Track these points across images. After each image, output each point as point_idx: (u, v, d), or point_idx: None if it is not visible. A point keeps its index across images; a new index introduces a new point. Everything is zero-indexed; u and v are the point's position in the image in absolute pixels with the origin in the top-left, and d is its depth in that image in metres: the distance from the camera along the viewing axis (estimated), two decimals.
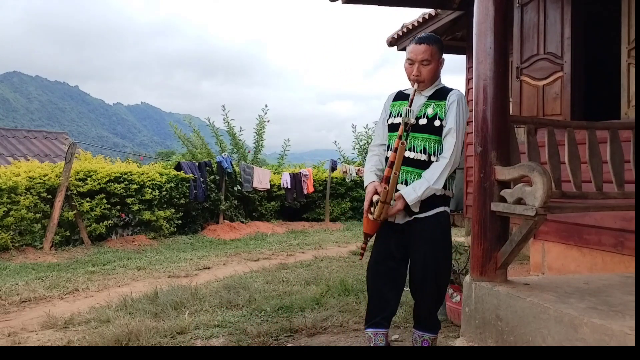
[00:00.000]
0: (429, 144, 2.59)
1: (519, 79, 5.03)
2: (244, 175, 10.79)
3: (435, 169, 2.54)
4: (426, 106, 2.64)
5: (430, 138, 2.59)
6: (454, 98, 2.59)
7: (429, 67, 2.60)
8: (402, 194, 2.54)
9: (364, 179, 2.80)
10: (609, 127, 2.63)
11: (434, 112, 2.61)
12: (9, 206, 7.34)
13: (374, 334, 2.65)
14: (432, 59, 2.60)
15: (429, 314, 2.68)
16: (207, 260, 6.88)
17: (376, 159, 2.79)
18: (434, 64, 2.61)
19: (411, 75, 2.64)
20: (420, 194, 2.51)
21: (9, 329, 3.70)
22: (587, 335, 1.78)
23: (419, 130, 2.61)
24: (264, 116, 13.47)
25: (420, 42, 2.61)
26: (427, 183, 2.51)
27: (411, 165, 2.60)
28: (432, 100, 2.64)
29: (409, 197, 2.52)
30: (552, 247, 4.51)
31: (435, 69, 2.63)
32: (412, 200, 2.52)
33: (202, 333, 3.36)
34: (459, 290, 3.21)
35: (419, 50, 2.60)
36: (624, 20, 4.08)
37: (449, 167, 2.53)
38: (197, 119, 39.88)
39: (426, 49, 2.59)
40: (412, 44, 2.65)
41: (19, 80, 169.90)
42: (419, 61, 2.60)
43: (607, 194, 2.47)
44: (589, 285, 2.36)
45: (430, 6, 6.72)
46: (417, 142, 2.61)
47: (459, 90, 2.65)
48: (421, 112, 2.64)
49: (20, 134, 14.74)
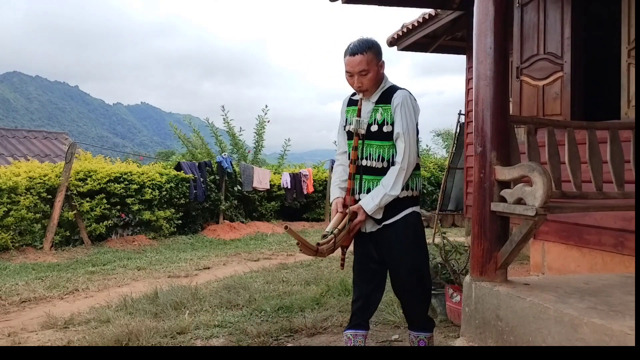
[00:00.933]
0: (384, 151, 2.59)
1: (519, 79, 5.03)
2: (244, 175, 10.79)
3: (390, 176, 2.55)
4: (375, 111, 2.61)
5: (383, 145, 2.59)
6: (397, 101, 2.56)
7: (369, 76, 2.55)
8: (361, 204, 2.57)
9: (330, 192, 2.82)
10: (609, 127, 2.62)
11: (382, 118, 2.59)
12: (9, 206, 7.34)
13: (354, 335, 2.68)
14: (370, 67, 2.54)
15: (418, 315, 2.70)
16: (207, 260, 6.88)
17: (341, 169, 2.79)
18: (372, 72, 2.55)
19: (353, 86, 2.61)
20: (378, 202, 2.53)
21: (9, 329, 3.70)
22: (587, 335, 1.78)
23: (372, 137, 2.61)
24: (264, 116, 13.47)
25: (353, 54, 2.54)
26: (384, 190, 2.53)
27: (371, 174, 2.61)
28: (379, 104, 2.61)
29: (368, 206, 2.55)
30: (552, 247, 4.51)
31: (375, 76, 2.57)
32: (372, 209, 2.54)
33: (202, 333, 3.36)
34: (459, 290, 3.21)
35: (354, 62, 2.54)
36: (624, 20, 4.08)
37: (403, 172, 2.53)
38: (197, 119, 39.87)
39: (361, 60, 2.53)
40: (346, 56, 2.58)
41: (19, 80, 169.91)
42: (357, 72, 2.54)
43: (607, 194, 2.47)
44: (589, 285, 2.36)
45: (430, 6, 6.72)
46: (373, 150, 2.61)
47: (403, 90, 2.62)
48: (371, 118, 2.61)
49: (20, 134, 14.75)
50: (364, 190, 2.62)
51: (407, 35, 7.84)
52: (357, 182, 2.65)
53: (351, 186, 2.64)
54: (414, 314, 2.71)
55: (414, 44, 7.92)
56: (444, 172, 9.29)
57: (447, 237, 3.73)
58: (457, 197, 8.46)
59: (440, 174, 12.71)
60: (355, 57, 2.53)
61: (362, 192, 2.63)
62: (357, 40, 2.59)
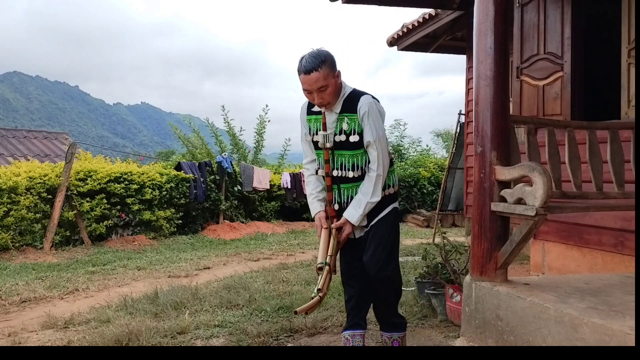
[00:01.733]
0: (357, 159, 2.60)
1: (519, 79, 5.03)
2: (244, 175, 10.79)
3: (368, 184, 2.57)
4: (340, 121, 2.58)
5: (355, 154, 2.59)
6: (364, 109, 2.53)
7: (328, 91, 2.49)
8: (346, 217, 2.59)
9: (310, 206, 2.77)
10: (609, 127, 2.63)
11: (349, 128, 2.56)
12: (9, 206, 7.34)
13: (352, 335, 2.70)
14: (327, 81, 2.47)
15: (390, 313, 2.73)
16: (207, 260, 6.88)
17: (314, 179, 2.76)
18: (331, 86, 2.49)
19: (314, 102, 2.56)
20: (362, 212, 2.56)
21: (9, 329, 3.70)
22: (587, 335, 1.78)
23: (342, 147, 2.60)
24: (265, 116, 13.47)
25: (308, 72, 2.45)
26: (365, 199, 2.56)
27: (349, 182, 2.63)
28: (343, 113, 2.57)
29: (353, 218, 2.58)
30: (552, 247, 4.51)
31: (334, 89, 2.52)
32: (357, 220, 2.57)
33: (202, 333, 3.36)
34: (459, 290, 3.21)
35: (310, 80, 2.45)
36: (624, 20, 4.08)
37: (380, 178, 2.57)
38: (197, 118, 39.87)
39: (317, 77, 2.45)
40: (301, 75, 2.49)
41: (19, 80, 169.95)
42: (316, 90, 2.48)
43: (607, 194, 2.47)
44: (589, 285, 2.36)
45: (430, 6, 6.72)
46: (345, 159, 2.61)
47: (366, 96, 2.57)
48: (337, 128, 2.58)
49: (20, 134, 14.75)
50: (344, 199, 2.64)
51: (407, 35, 7.85)
52: (336, 192, 2.65)
53: (331, 198, 2.65)
54: (387, 311, 2.72)
55: (414, 44, 7.92)
56: (444, 172, 9.29)
57: (447, 237, 3.72)
58: (457, 197, 8.46)
59: (440, 174, 12.72)
60: (311, 75, 2.45)
61: (342, 201, 2.64)
62: (308, 55, 2.50)
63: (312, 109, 2.68)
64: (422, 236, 9.43)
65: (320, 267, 2.54)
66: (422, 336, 3.22)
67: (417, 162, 14.14)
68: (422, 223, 11.44)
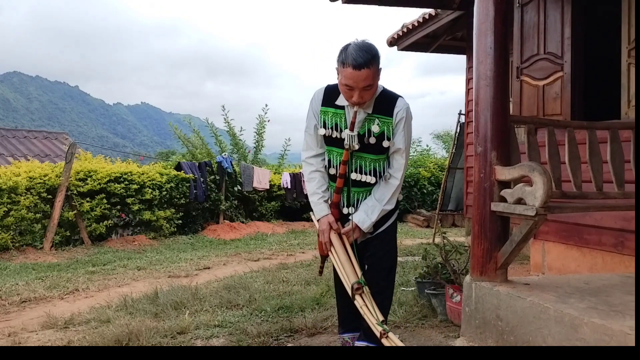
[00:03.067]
0: (379, 165, 2.46)
1: (519, 79, 5.03)
2: (244, 175, 10.79)
3: (386, 191, 2.45)
4: (369, 122, 2.38)
5: (378, 159, 2.45)
6: (402, 114, 2.38)
7: (372, 90, 2.30)
8: (357, 222, 2.45)
9: (312, 206, 2.55)
10: (609, 127, 2.63)
11: (380, 130, 2.38)
12: (9, 206, 7.34)
13: (352, 338, 2.68)
14: (374, 80, 2.27)
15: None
16: (207, 260, 6.87)
17: (318, 177, 2.53)
18: (375, 84, 2.31)
19: (350, 99, 2.30)
20: (375, 218, 2.45)
21: (9, 329, 3.70)
22: (587, 335, 1.78)
23: (364, 149, 2.41)
24: (264, 116, 13.47)
25: (359, 68, 2.20)
26: (379, 206, 2.44)
27: (361, 186, 2.49)
28: (375, 115, 2.38)
29: (364, 224, 2.46)
30: (552, 247, 4.51)
31: (376, 88, 2.34)
32: (368, 227, 2.47)
33: (203, 333, 3.36)
34: (459, 290, 3.21)
35: (359, 77, 2.22)
36: (624, 20, 4.07)
37: (400, 187, 2.48)
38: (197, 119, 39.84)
39: (367, 75, 2.22)
40: (348, 68, 2.22)
41: (19, 80, 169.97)
42: (361, 88, 2.25)
43: (607, 194, 2.47)
44: (589, 285, 2.36)
45: (430, 6, 6.72)
46: (365, 163, 2.44)
47: (402, 100, 2.42)
48: (363, 128, 2.38)
49: (20, 134, 14.75)
50: (352, 203, 2.50)
51: (407, 35, 7.85)
52: (345, 194, 2.50)
53: (338, 200, 2.49)
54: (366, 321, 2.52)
55: (414, 44, 7.92)
56: (444, 172, 9.29)
57: (447, 237, 3.72)
58: (457, 197, 8.46)
59: (440, 174, 12.72)
60: (361, 71, 2.21)
61: (350, 206, 2.51)
62: (357, 48, 2.24)
63: (333, 102, 2.43)
64: (422, 236, 9.43)
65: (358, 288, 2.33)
66: (422, 336, 3.22)
67: (417, 162, 14.14)
68: (422, 223, 11.45)
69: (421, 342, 3.11)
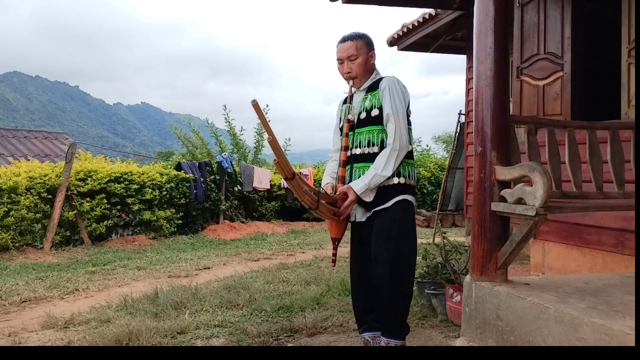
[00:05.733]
0: (373, 135, 2.59)
1: (519, 79, 5.03)
2: (244, 175, 10.79)
3: (381, 157, 2.52)
4: (364, 100, 2.66)
5: (372, 129, 2.60)
6: (384, 84, 2.60)
7: (358, 62, 2.63)
8: (351, 185, 2.53)
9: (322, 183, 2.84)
10: (609, 127, 2.62)
11: (370, 104, 2.62)
12: (9, 206, 7.34)
13: (372, 337, 2.66)
14: (359, 52, 2.63)
15: (392, 317, 2.55)
16: (207, 260, 6.88)
17: (333, 164, 2.82)
18: (361, 57, 2.63)
19: (344, 74, 2.68)
20: (368, 182, 2.49)
21: (9, 329, 3.70)
22: (587, 335, 1.78)
23: (362, 124, 2.65)
24: (265, 115, 13.47)
25: (343, 40, 2.67)
26: (374, 170, 2.50)
27: (362, 161, 2.60)
28: (368, 93, 2.67)
29: (357, 186, 2.51)
30: (552, 247, 4.51)
31: (364, 62, 2.65)
32: (361, 189, 2.50)
33: (203, 333, 3.36)
34: (459, 290, 3.21)
35: (343, 47, 2.65)
36: (624, 20, 4.07)
37: (395, 153, 2.50)
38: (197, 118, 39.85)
39: (350, 45, 2.64)
40: (337, 45, 2.70)
41: (19, 80, 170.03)
42: (346, 58, 2.64)
43: (608, 194, 2.47)
44: (589, 285, 2.36)
45: (430, 6, 6.72)
46: (362, 137, 2.63)
47: (391, 76, 2.66)
48: (361, 107, 2.66)
49: (20, 134, 14.75)
50: (354, 179, 2.61)
51: (407, 35, 7.84)
52: (348, 171, 2.66)
53: (342, 174, 2.65)
54: (388, 316, 2.55)
55: (414, 43, 7.92)
56: (444, 172, 9.29)
57: (447, 237, 3.72)
58: (457, 197, 8.45)
59: (440, 173, 12.71)
60: (345, 43, 2.65)
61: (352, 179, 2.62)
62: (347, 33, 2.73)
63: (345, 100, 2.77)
64: (422, 236, 9.42)
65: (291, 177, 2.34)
66: (422, 336, 3.22)
67: (417, 162, 14.16)
68: (422, 223, 11.45)
69: (421, 342, 3.11)
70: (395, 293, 2.52)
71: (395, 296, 2.52)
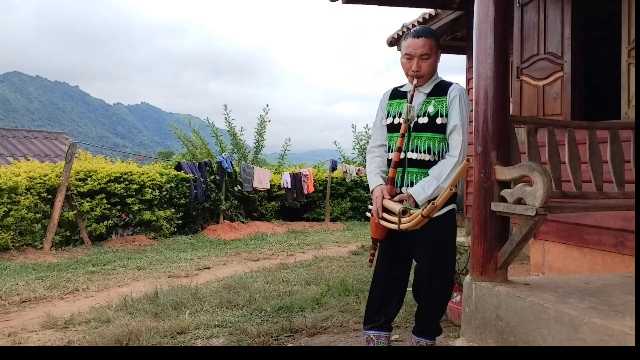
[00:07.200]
0: (433, 143, 2.52)
1: (519, 79, 5.03)
2: (244, 175, 10.79)
3: (444, 167, 2.47)
4: (426, 104, 2.55)
5: (433, 137, 2.52)
6: (455, 93, 2.52)
7: (429, 62, 2.53)
8: (412, 193, 2.46)
9: (369, 182, 2.68)
10: (609, 127, 2.62)
11: (435, 110, 2.53)
12: (9, 206, 7.34)
13: (377, 336, 2.64)
14: (432, 52, 2.53)
15: (431, 318, 2.63)
16: (207, 260, 6.88)
17: (379, 160, 2.68)
18: (433, 58, 2.54)
19: (409, 70, 2.55)
20: (430, 193, 2.43)
21: (9, 329, 3.70)
22: (587, 335, 1.78)
23: (421, 129, 2.54)
24: (265, 116, 13.47)
25: (418, 36, 2.52)
26: (436, 182, 2.44)
27: (416, 166, 2.53)
28: (431, 97, 2.56)
29: (419, 197, 2.45)
30: (552, 247, 4.51)
31: (434, 63, 2.56)
32: (422, 200, 2.44)
33: (203, 333, 3.36)
34: (459, 290, 3.21)
35: (417, 44, 2.51)
36: (624, 20, 4.07)
37: (459, 166, 2.44)
38: (197, 118, 39.85)
39: (425, 43, 2.51)
40: (408, 38, 2.54)
41: (19, 80, 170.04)
42: (418, 56, 2.51)
43: (608, 194, 2.47)
44: (589, 285, 2.36)
45: (430, 6, 6.72)
46: (421, 142, 2.53)
47: (458, 84, 2.59)
48: (421, 110, 2.55)
49: (20, 134, 14.75)
50: (406, 184, 2.53)
51: None
52: (400, 174, 2.56)
53: (392, 175, 2.54)
54: (428, 317, 2.62)
55: None
56: None
57: None
58: (457, 197, 8.45)
59: None
60: (420, 39, 2.51)
61: (404, 186, 2.54)
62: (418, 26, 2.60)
63: (398, 94, 2.67)
64: None
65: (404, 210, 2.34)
66: None
67: None
68: None
69: None
70: (441, 299, 2.63)
71: (440, 302, 2.63)
